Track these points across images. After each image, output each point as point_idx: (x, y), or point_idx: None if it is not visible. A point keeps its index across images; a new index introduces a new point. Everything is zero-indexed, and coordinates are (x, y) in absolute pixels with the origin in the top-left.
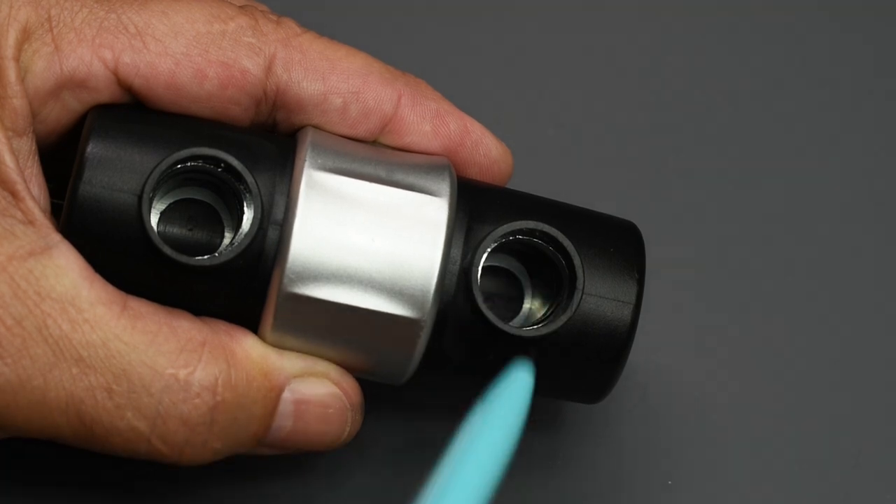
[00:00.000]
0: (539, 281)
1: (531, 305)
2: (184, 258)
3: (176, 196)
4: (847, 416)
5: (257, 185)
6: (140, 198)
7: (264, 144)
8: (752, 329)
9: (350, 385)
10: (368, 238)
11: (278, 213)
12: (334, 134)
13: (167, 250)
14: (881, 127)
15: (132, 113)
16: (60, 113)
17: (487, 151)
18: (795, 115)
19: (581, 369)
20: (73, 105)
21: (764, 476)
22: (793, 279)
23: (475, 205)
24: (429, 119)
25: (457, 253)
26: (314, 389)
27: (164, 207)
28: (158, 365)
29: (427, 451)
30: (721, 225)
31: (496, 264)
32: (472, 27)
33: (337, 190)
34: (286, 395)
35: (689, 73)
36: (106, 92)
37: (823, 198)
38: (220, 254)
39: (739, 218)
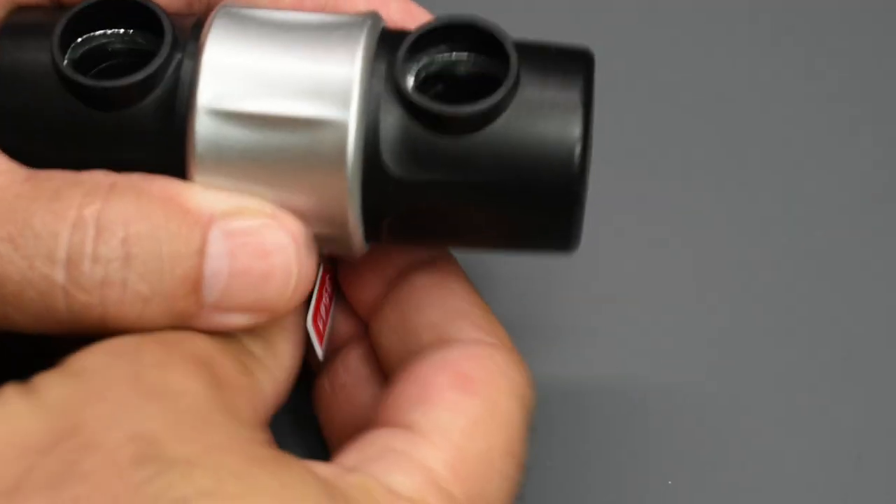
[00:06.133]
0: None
1: None
2: (90, 81)
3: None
4: (847, 417)
5: (169, 18)
6: (51, 37)
7: (182, 15)
8: (752, 329)
9: (289, 219)
10: (287, 47)
11: (193, 48)
12: None
13: (79, 77)
14: (880, 120)
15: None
16: None
17: None
18: (797, 113)
19: (535, 167)
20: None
21: (764, 476)
22: (794, 279)
23: (399, 35)
24: (364, 1)
25: (381, 66)
26: (247, 225)
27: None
28: (62, 210)
29: None
30: (720, 224)
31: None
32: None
33: (254, 15)
34: (215, 232)
35: (688, 68)
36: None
37: (826, 195)
38: (132, 76)
39: (740, 217)
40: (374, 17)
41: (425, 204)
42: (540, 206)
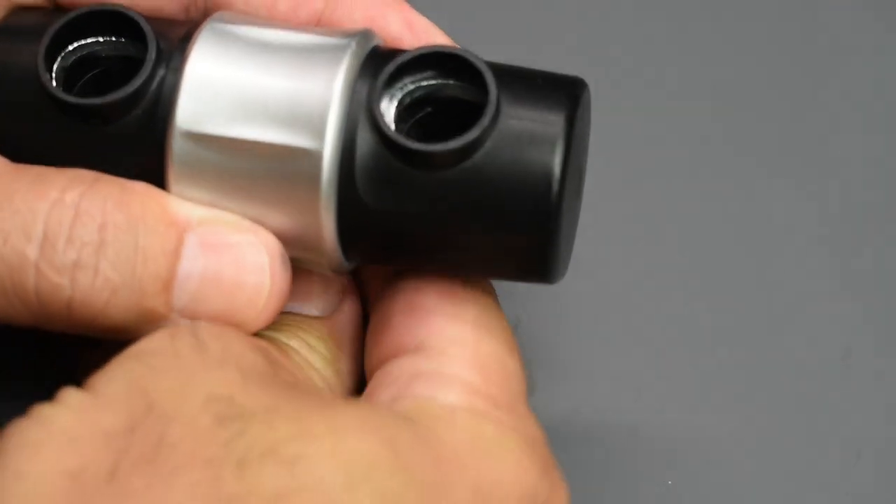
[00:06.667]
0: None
1: None
2: (73, 98)
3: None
4: (847, 416)
5: (153, 32)
6: (38, 50)
7: (174, 22)
8: (750, 328)
9: (265, 234)
10: (268, 72)
11: (177, 63)
12: None
13: (62, 94)
14: (881, 120)
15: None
16: None
17: None
18: (796, 113)
19: (513, 203)
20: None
21: (764, 476)
22: (790, 280)
23: (389, 56)
24: (361, 11)
25: (362, 91)
26: (223, 234)
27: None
28: (44, 190)
29: None
30: (714, 227)
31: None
32: (469, 22)
33: (240, 33)
34: (191, 237)
35: (685, 72)
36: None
37: (823, 200)
38: (113, 94)
39: (734, 221)
40: (362, 37)
41: (402, 233)
42: (519, 241)
